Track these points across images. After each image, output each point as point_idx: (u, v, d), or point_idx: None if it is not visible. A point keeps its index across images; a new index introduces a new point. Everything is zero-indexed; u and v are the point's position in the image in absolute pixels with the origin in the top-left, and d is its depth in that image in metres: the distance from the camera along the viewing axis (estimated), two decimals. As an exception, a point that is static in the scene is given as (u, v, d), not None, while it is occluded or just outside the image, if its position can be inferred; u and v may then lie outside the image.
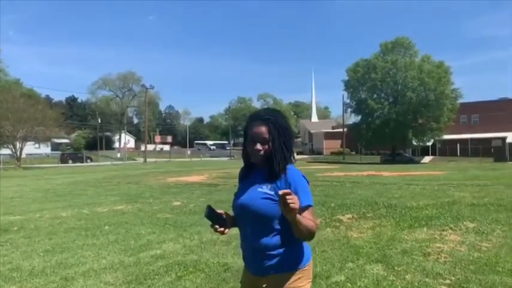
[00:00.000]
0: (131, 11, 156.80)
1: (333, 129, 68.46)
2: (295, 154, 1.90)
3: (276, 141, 1.78)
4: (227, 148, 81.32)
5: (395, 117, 45.54)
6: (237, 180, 2.01)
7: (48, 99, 69.76)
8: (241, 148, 2.16)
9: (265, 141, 1.79)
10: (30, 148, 46.96)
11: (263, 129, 1.79)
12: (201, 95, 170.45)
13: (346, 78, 49.82)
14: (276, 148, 1.78)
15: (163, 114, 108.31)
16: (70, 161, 50.75)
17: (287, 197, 1.52)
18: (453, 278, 3.96)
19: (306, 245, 1.86)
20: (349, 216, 7.56)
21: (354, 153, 57.53)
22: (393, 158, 44.93)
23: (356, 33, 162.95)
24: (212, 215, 1.82)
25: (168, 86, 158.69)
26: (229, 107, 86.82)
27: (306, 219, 1.66)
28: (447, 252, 4.94)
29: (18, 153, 42.39)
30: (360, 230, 6.33)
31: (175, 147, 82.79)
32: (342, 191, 12.06)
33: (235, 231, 2.01)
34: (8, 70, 55.51)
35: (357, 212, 8.03)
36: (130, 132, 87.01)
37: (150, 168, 34.02)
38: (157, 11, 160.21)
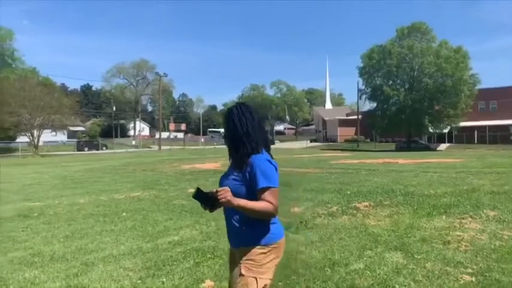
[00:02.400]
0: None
1: (347, 116, 67.83)
2: (267, 142, 2.10)
3: (237, 133, 2.03)
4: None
5: (411, 104, 44.80)
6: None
7: (63, 87, 70.57)
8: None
9: (230, 133, 2.07)
10: (47, 136, 47.69)
11: (228, 123, 2.08)
12: (214, 82, 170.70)
13: (361, 64, 49.06)
14: (238, 139, 2.03)
15: (177, 102, 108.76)
16: (86, 149, 51.43)
17: (218, 193, 1.85)
18: (475, 267, 3.88)
19: (276, 224, 2.05)
20: (366, 203, 7.49)
21: (368, 140, 56.96)
22: (409, 145, 44.31)
23: (371, 19, 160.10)
24: (200, 197, 1.94)
25: (182, 73, 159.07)
26: (242, 94, 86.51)
27: (255, 202, 1.91)
28: (467, 240, 4.86)
29: (35, 141, 43.14)
30: (377, 218, 6.27)
31: (189, 134, 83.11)
32: (357, 178, 11.97)
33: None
34: (24, 59, 56.39)
35: (373, 199, 7.96)
36: (144, 120, 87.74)
37: (164, 155, 34.29)
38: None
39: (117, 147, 55.98)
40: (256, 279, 1.94)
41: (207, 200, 1.93)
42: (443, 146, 46.89)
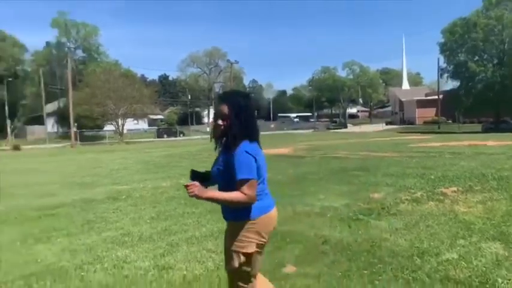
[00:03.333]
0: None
1: (426, 96, 63.58)
2: (253, 132, 2.20)
3: (232, 118, 2.13)
4: (311, 120, 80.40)
5: (500, 81, 40.70)
6: (323, 152, 2.13)
7: (143, 78, 74.84)
8: (325, 120, 2.34)
9: (225, 117, 2.15)
10: (130, 124, 51.11)
11: (223, 107, 2.16)
12: (284, 67, 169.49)
13: (442, 40, 45.48)
14: (232, 124, 2.13)
15: (247, 89, 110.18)
16: (165, 136, 54.34)
17: (187, 188, 2.08)
18: None
19: (261, 201, 2.21)
20: (454, 189, 6.94)
21: (450, 122, 53.04)
22: (497, 126, 40.40)
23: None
24: (196, 177, 2.22)
25: (252, 60, 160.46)
26: (313, 77, 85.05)
27: (226, 193, 2.10)
28: None
29: (120, 129, 46.53)
30: (468, 204, 5.76)
31: (260, 120, 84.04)
32: (441, 162, 11.16)
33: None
34: (108, 53, 60.71)
35: (462, 184, 7.34)
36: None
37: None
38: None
39: (193, 134, 58.45)
40: (239, 253, 2.16)
41: (204, 179, 2.23)
42: (539, 126, 42.06)
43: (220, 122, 2.17)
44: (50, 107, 53.23)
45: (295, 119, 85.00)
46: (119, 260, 3.91)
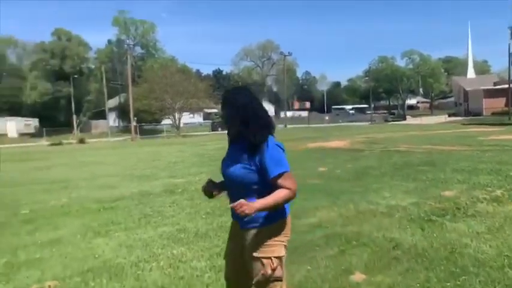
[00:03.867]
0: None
1: (494, 85, 58.93)
2: (271, 124, 2.07)
3: (238, 120, 2.00)
4: (367, 112, 77.80)
5: None
6: (382, 145, 1.73)
7: (198, 73, 76.48)
8: (382, 112, 1.94)
9: (230, 120, 2.04)
10: (186, 118, 52.40)
11: (225, 109, 2.04)
12: (338, 58, 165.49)
13: (514, 23, 41.71)
14: (242, 126, 1.99)
15: (300, 81, 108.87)
16: (219, 129, 55.02)
17: (235, 208, 1.87)
18: None
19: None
20: (541, 187, 6.13)
21: (522, 112, 48.72)
22: None
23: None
24: (215, 187, 2.20)
25: (305, 51, 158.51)
26: (369, 67, 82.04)
27: (274, 196, 1.93)
28: None
29: (177, 123, 47.85)
30: None
31: (313, 113, 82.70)
32: (519, 156, 10.09)
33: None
34: (165, 49, 62.61)
35: (550, 182, 6.49)
36: (269, 100, 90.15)
37: (290, 134, 34.62)
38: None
39: (246, 127, 58.66)
40: (271, 258, 1.99)
41: (215, 188, 2.19)
42: None
43: (227, 124, 2.09)
44: (112, 102, 56.00)
45: (351, 111, 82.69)
46: (175, 259, 3.76)
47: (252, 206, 1.88)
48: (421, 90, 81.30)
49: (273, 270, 2.00)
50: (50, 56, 52.86)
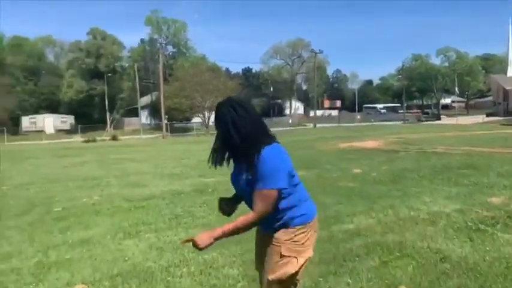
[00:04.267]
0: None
1: (537, 84, 56.03)
2: (266, 132, 1.94)
3: (230, 138, 1.87)
4: (399, 111, 75.80)
5: None
6: (418, 146, 1.60)
7: (227, 71, 76.80)
8: (415, 111, 1.76)
9: (222, 138, 1.92)
10: (215, 116, 52.77)
11: (217, 127, 1.93)
12: (370, 55, 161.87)
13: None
14: (234, 144, 1.87)
15: (331, 79, 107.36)
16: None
17: (194, 244, 1.85)
18: None
19: (307, 202, 2.04)
20: None
21: None
22: None
23: None
24: (227, 204, 2.15)
25: (335, 49, 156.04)
26: (403, 65, 79.71)
27: (232, 224, 1.86)
28: None
29: (207, 121, 48.20)
30: None
31: (344, 111, 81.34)
32: None
33: None
34: (195, 48, 63.25)
35: None
36: (299, 98, 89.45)
37: (320, 133, 34.11)
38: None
39: (275, 126, 58.47)
40: (296, 258, 1.93)
41: (235, 202, 2.15)
42: None
43: (228, 141, 1.92)
44: (144, 100, 57.09)
45: (382, 110, 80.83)
46: (206, 265, 3.60)
47: (207, 237, 1.84)
48: (456, 89, 78.33)
49: (296, 271, 1.95)
50: (85, 55, 54.40)
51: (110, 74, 54.41)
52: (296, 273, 1.95)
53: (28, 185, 9.06)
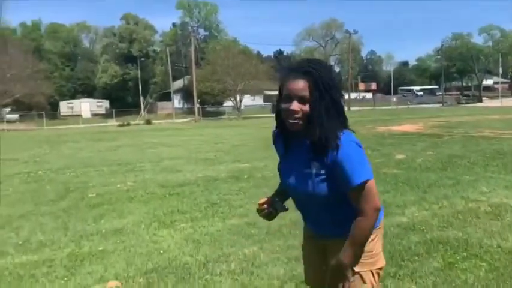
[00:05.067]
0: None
1: None
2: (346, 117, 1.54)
3: (319, 102, 1.43)
4: (437, 94, 72.78)
5: None
6: (462, 129, 1.16)
7: (259, 54, 75.99)
8: (455, 93, 1.25)
9: (305, 100, 1.44)
10: (246, 100, 52.42)
11: (302, 84, 1.44)
12: (406, 35, 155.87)
13: None
14: (319, 111, 1.43)
15: (365, 61, 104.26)
16: (280, 111, 54.44)
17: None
18: None
19: None
20: None
21: None
22: None
23: None
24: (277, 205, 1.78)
25: (370, 29, 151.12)
26: (442, 45, 76.06)
27: (355, 235, 1.51)
28: None
29: (238, 105, 47.98)
30: None
31: (378, 94, 78.92)
32: None
33: None
34: (227, 30, 62.80)
35: None
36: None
37: (355, 116, 33.12)
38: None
39: (307, 109, 57.50)
40: (371, 272, 1.60)
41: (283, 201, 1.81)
42: None
43: (296, 106, 1.44)
44: (177, 84, 57.48)
45: (419, 93, 77.88)
46: (247, 261, 3.29)
47: (347, 264, 1.52)
48: (500, 69, 74.19)
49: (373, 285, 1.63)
50: (118, 40, 55.15)
51: (143, 59, 55.00)
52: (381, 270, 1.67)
53: (64, 170, 9.09)
